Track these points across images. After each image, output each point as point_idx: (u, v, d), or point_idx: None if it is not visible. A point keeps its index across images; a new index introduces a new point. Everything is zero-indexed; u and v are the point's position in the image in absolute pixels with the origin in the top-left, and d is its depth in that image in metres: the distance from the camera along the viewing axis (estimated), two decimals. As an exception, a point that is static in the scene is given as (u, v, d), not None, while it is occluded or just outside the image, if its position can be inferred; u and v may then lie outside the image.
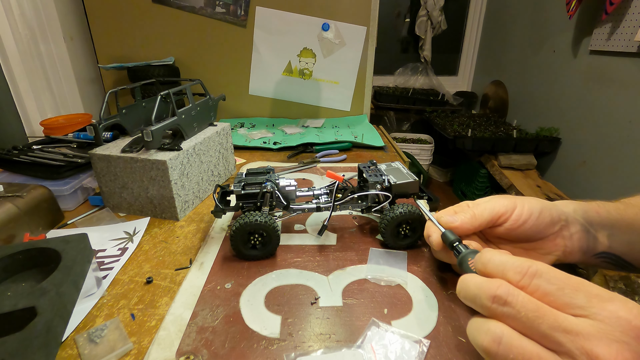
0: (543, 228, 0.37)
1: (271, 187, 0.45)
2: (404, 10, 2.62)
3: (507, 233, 0.38)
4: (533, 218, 0.37)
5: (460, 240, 0.35)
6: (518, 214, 0.37)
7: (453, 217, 0.38)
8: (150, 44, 1.04)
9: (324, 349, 0.32)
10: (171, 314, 0.37)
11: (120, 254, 0.47)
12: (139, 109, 0.63)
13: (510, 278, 0.26)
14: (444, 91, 2.45)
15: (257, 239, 0.44)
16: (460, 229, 0.37)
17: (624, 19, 1.46)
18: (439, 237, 0.37)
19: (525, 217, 0.37)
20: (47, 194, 0.53)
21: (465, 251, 0.34)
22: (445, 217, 0.38)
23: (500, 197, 0.39)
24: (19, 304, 0.30)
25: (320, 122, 1.08)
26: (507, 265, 0.27)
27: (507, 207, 0.37)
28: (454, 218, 0.37)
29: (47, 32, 0.95)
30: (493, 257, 0.28)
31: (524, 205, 0.37)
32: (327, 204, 0.48)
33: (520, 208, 0.37)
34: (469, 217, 0.37)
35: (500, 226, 0.38)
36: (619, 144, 1.56)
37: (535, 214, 0.37)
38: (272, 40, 1.06)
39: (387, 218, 0.44)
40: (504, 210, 0.37)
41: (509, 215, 0.37)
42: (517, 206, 0.37)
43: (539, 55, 2.07)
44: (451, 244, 0.35)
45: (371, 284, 0.41)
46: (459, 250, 0.34)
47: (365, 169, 0.50)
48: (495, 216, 0.37)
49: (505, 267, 0.27)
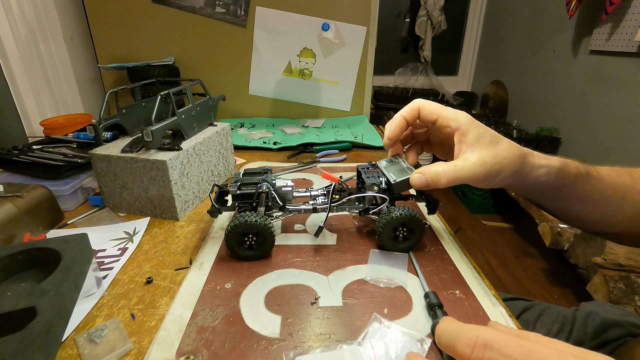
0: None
1: (267, 188, 0.45)
2: (404, 10, 2.62)
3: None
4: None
5: (441, 306, 0.36)
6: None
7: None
8: (150, 44, 1.04)
9: (323, 347, 0.32)
10: (171, 314, 0.37)
11: (120, 254, 0.47)
12: (139, 109, 0.63)
13: (461, 353, 0.25)
14: (444, 91, 2.45)
15: (251, 239, 0.44)
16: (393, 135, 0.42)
17: (624, 19, 1.46)
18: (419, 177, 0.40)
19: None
20: (47, 194, 0.53)
21: (436, 320, 0.34)
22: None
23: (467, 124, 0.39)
24: (19, 304, 0.30)
25: (320, 122, 1.08)
26: (457, 338, 0.25)
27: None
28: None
29: (47, 32, 0.95)
30: (444, 330, 0.27)
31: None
32: (324, 205, 0.47)
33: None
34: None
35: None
36: (618, 144, 1.56)
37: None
38: (272, 40, 1.06)
39: (383, 221, 0.44)
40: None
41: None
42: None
43: (539, 55, 2.07)
44: (431, 307, 0.36)
45: (371, 284, 0.41)
46: (435, 315, 0.35)
47: (363, 170, 0.50)
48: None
49: (456, 339, 0.26)
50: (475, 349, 0.24)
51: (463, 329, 0.26)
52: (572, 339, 0.59)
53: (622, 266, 1.21)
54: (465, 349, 0.24)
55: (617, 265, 1.22)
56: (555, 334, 0.60)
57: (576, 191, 0.41)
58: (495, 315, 0.37)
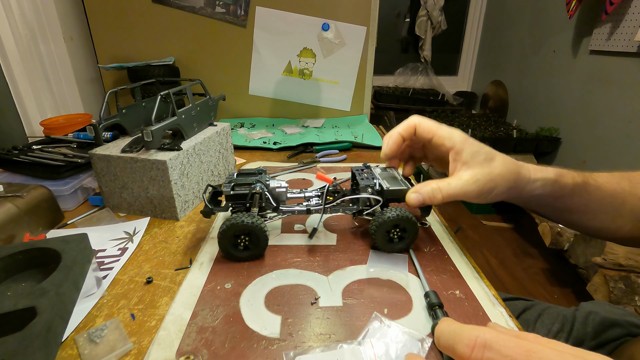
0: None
1: (260, 189, 0.45)
2: (404, 10, 2.62)
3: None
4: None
5: (441, 306, 0.36)
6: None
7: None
8: (150, 44, 1.04)
9: (323, 347, 0.32)
10: (171, 314, 0.37)
11: (120, 254, 0.47)
12: (139, 109, 0.63)
13: (461, 353, 0.25)
14: (444, 91, 2.45)
15: (244, 240, 0.44)
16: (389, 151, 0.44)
17: (624, 19, 1.46)
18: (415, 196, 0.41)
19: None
20: (47, 194, 0.53)
21: (435, 320, 0.34)
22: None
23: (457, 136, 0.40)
24: (19, 304, 0.30)
25: (320, 122, 1.08)
26: (456, 339, 0.25)
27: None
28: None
29: (47, 32, 0.95)
30: (443, 331, 0.27)
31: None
32: (318, 207, 0.47)
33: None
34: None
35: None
36: (618, 144, 1.56)
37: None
38: (272, 40, 1.06)
39: (376, 223, 0.44)
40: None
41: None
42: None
43: (539, 55, 2.07)
44: (431, 306, 0.36)
45: (371, 284, 0.41)
46: (435, 315, 0.35)
47: (358, 172, 0.50)
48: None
49: (455, 340, 0.26)
50: (475, 349, 0.24)
51: (462, 330, 0.26)
52: (572, 339, 0.59)
53: (622, 266, 1.21)
54: (465, 350, 0.24)
55: (617, 265, 1.22)
56: (555, 334, 0.60)
57: (573, 201, 0.42)
58: (495, 315, 0.37)
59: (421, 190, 0.40)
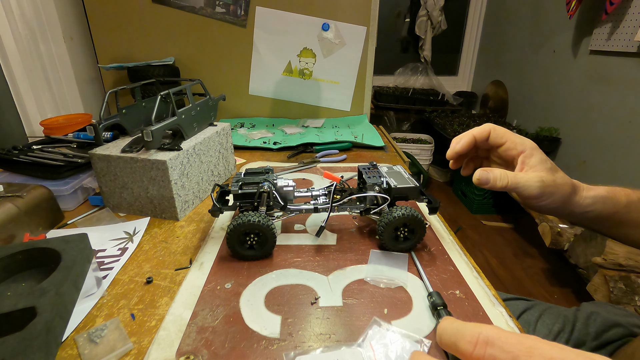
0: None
1: (268, 187, 0.45)
2: (404, 10, 2.62)
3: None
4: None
5: (445, 306, 0.36)
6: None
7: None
8: (150, 44, 1.04)
9: (323, 348, 0.32)
10: (171, 314, 0.37)
11: (120, 254, 0.47)
12: (139, 109, 0.63)
13: (463, 350, 0.25)
14: (444, 91, 2.45)
15: (253, 239, 0.44)
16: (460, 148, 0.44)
17: (624, 19, 1.46)
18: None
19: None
20: (47, 194, 0.53)
21: (439, 319, 0.34)
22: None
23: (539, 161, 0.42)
24: (19, 304, 0.30)
25: (320, 122, 1.08)
26: (458, 336, 0.26)
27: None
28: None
29: (47, 32, 0.95)
30: (445, 328, 0.27)
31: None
32: (325, 205, 0.47)
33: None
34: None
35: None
36: (618, 144, 1.56)
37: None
38: (272, 40, 1.06)
39: (384, 221, 0.44)
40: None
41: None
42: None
43: (539, 55, 2.07)
44: (435, 307, 0.36)
45: (371, 284, 0.41)
46: (439, 314, 0.35)
47: (364, 170, 0.50)
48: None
49: (457, 337, 0.26)
50: (477, 346, 0.24)
51: (465, 327, 0.26)
52: (573, 339, 0.59)
53: (622, 266, 1.21)
54: (467, 347, 0.24)
55: (617, 265, 1.21)
56: (556, 334, 0.60)
57: (630, 217, 0.44)
58: (495, 315, 0.37)
59: (492, 170, 0.42)
